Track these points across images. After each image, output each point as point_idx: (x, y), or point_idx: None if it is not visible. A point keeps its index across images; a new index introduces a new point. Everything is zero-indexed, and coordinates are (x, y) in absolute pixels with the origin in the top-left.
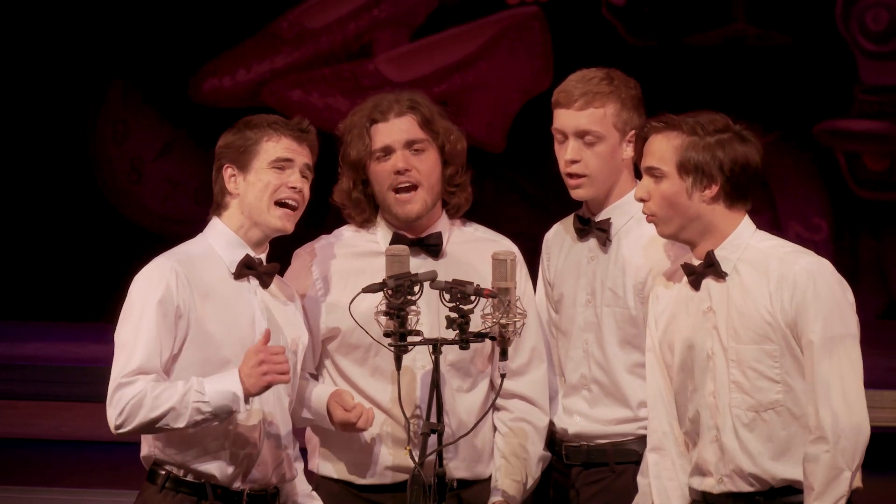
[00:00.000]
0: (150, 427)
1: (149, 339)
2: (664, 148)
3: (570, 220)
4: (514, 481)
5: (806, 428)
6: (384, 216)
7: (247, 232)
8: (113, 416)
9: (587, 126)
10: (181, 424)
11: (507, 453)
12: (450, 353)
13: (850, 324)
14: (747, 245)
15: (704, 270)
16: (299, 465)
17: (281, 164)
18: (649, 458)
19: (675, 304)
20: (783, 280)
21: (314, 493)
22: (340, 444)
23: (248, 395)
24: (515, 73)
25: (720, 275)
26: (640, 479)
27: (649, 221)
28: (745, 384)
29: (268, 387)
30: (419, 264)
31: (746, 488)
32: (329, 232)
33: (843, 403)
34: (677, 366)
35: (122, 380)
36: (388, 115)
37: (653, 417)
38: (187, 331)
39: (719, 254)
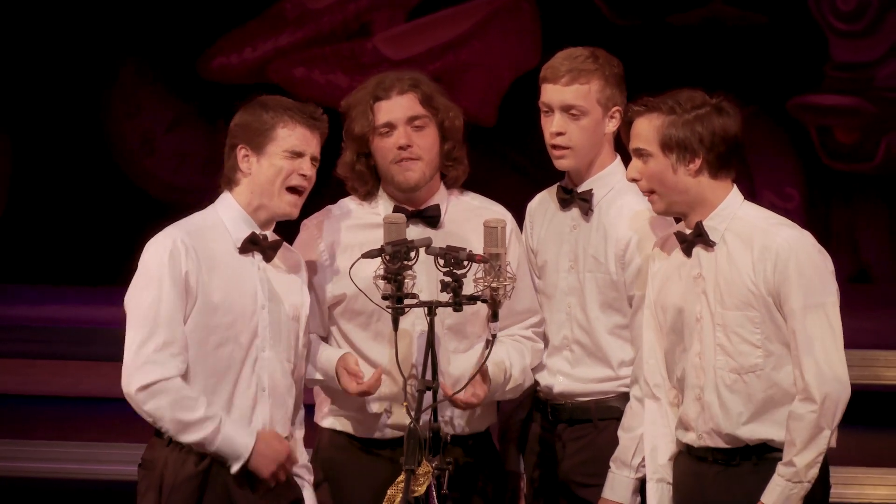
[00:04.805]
0: (157, 419)
1: (169, 310)
2: (647, 129)
3: (553, 190)
4: (498, 368)
5: (783, 391)
6: (385, 189)
7: (255, 210)
8: (136, 384)
9: (572, 100)
10: (180, 438)
11: (498, 352)
12: (447, 318)
13: (830, 291)
14: (734, 216)
15: (694, 239)
16: (300, 433)
17: (293, 155)
18: (646, 404)
19: (668, 268)
20: (766, 251)
21: (309, 464)
22: (345, 401)
23: (247, 466)
24: (506, 51)
25: (709, 244)
26: (620, 432)
27: (650, 200)
28: (728, 347)
29: (263, 478)
30: (419, 234)
31: (724, 446)
32: (332, 202)
33: (826, 365)
34: (668, 327)
35: (154, 356)
36: (390, 92)
37: (647, 369)
38: (195, 299)
39: (708, 224)
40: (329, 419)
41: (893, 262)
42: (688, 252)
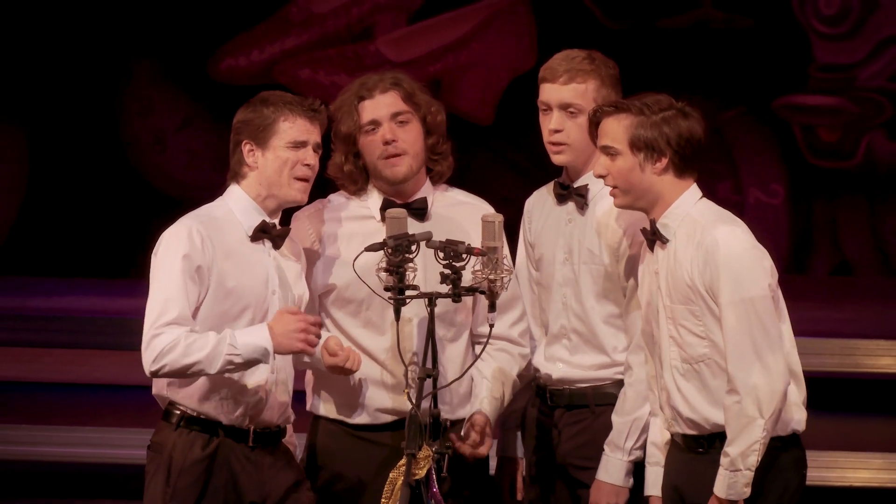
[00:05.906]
0: (183, 372)
1: (178, 293)
2: (616, 129)
3: (550, 186)
4: (493, 398)
5: None
6: (375, 184)
7: (264, 200)
8: (149, 360)
9: (570, 99)
10: (213, 371)
11: (486, 374)
12: (437, 306)
13: (759, 286)
14: (686, 214)
15: (652, 237)
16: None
17: (297, 145)
18: (650, 396)
19: (644, 264)
20: (699, 247)
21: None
22: (337, 387)
23: (276, 352)
24: (503, 53)
25: (663, 240)
26: (614, 416)
27: (611, 194)
28: (678, 339)
29: (297, 352)
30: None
31: (689, 431)
32: (325, 196)
33: (752, 359)
34: (644, 320)
35: (156, 330)
36: (373, 92)
37: (649, 361)
38: (208, 285)
39: (661, 222)
40: (321, 407)
41: (873, 256)
42: (651, 248)
